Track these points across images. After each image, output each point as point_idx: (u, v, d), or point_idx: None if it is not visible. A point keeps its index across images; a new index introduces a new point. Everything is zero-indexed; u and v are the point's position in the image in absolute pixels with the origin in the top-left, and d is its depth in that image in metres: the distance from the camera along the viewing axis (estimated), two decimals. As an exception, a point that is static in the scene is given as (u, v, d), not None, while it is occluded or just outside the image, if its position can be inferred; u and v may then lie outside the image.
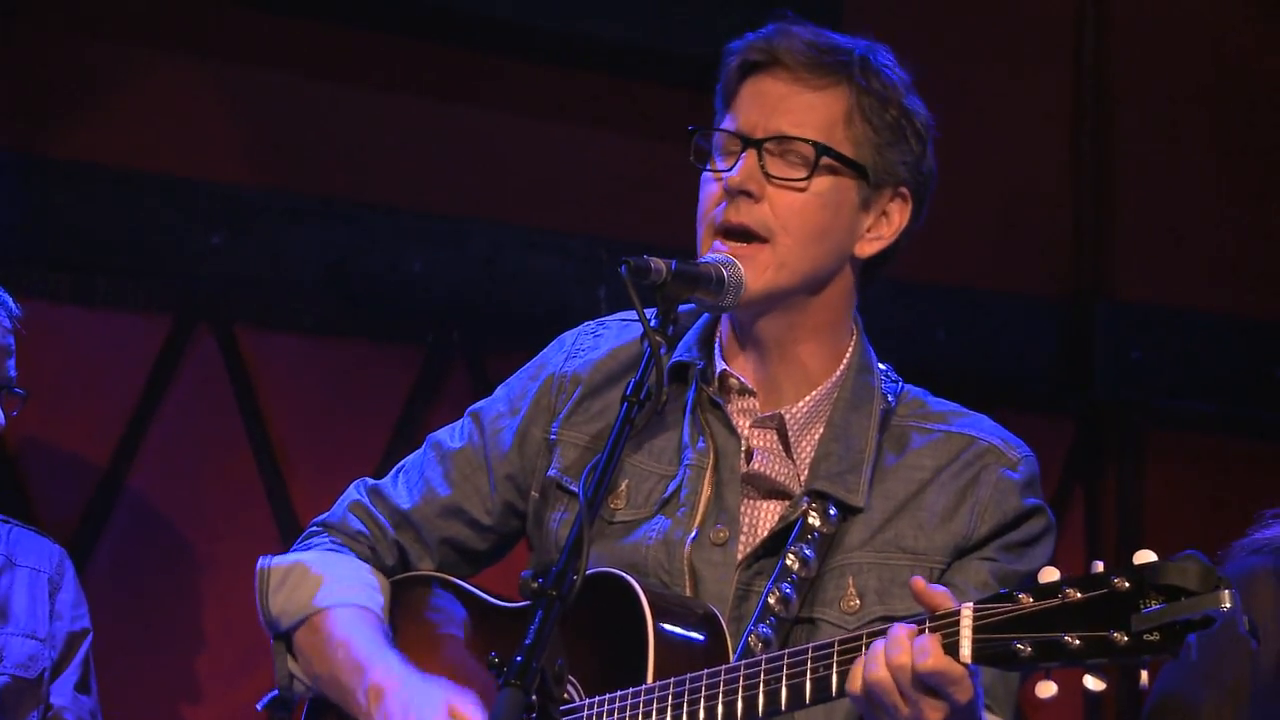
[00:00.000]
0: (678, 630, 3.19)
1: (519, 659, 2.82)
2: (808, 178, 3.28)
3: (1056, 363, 6.88)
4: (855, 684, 2.90)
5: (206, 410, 5.88)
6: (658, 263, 3.14)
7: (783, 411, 3.35)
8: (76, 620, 4.97)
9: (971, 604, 2.84)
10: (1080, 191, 7.02)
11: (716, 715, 3.04)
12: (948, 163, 7.15)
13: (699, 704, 3.06)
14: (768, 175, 3.28)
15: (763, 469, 3.34)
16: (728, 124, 3.34)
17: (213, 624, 5.73)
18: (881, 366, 3.44)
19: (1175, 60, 7.03)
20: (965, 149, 6.86)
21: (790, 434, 3.34)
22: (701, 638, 3.20)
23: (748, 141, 3.29)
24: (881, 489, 3.32)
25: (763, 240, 3.27)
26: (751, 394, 3.37)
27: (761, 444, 3.36)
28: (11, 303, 4.84)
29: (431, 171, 6.16)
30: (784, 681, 3.00)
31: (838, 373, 3.37)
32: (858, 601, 3.22)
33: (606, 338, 3.51)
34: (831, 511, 3.28)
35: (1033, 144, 7.03)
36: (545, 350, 3.55)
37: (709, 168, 3.32)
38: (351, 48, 6.10)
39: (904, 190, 3.34)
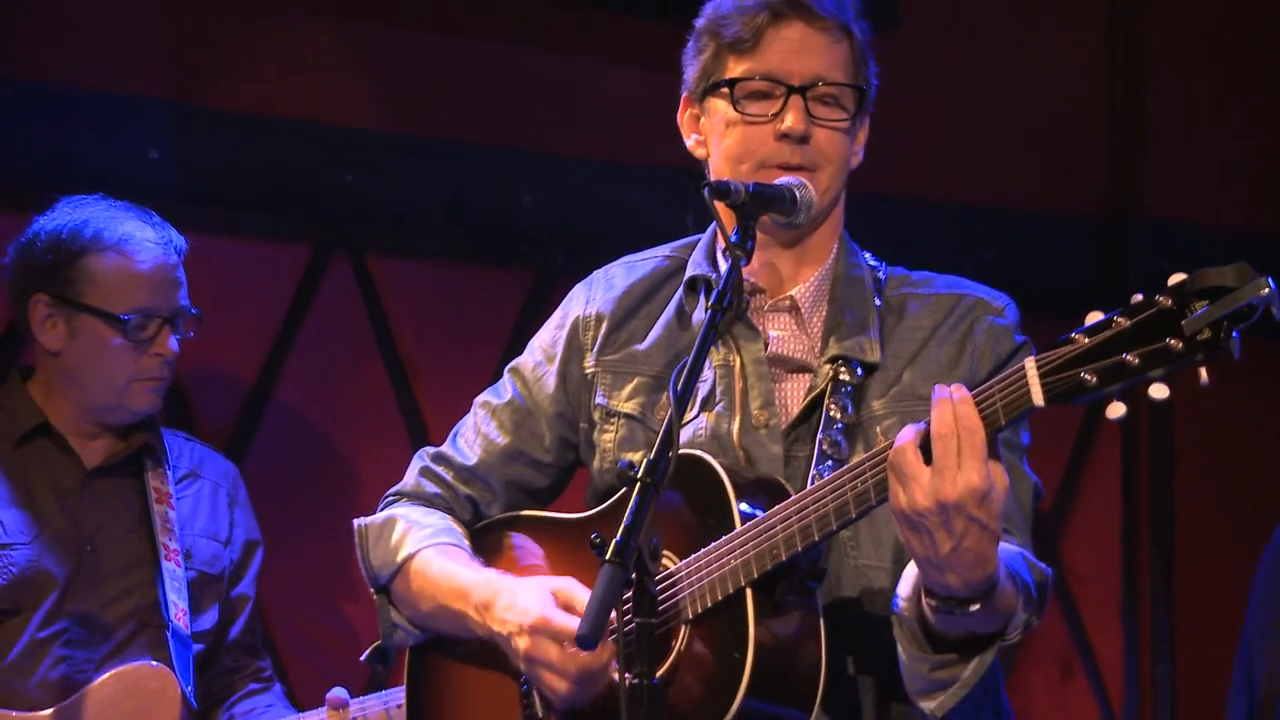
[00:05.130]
0: (750, 488, 3.32)
1: (619, 539, 2.94)
2: (848, 118, 3.50)
3: (1095, 276, 6.99)
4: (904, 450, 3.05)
5: (343, 329, 6.03)
6: (737, 184, 3.31)
7: (793, 293, 3.53)
8: (252, 531, 5.14)
9: (1031, 357, 2.95)
10: (1115, 113, 7.06)
11: (812, 531, 3.17)
12: (993, 93, 7.16)
13: (776, 535, 3.19)
14: (814, 118, 3.45)
15: (781, 349, 3.50)
16: (763, 71, 3.46)
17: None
18: (866, 252, 3.64)
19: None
20: (1007, 79, 6.86)
21: (803, 311, 3.52)
22: (772, 488, 3.34)
23: (792, 89, 3.45)
24: (891, 349, 3.48)
25: (811, 171, 3.46)
26: (762, 292, 3.55)
27: (777, 328, 3.54)
28: (179, 238, 4.97)
29: (537, 115, 6.26)
30: (849, 493, 3.14)
31: (831, 256, 3.57)
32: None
33: (618, 279, 3.71)
34: (858, 371, 3.45)
35: (1069, 71, 7.05)
36: (565, 301, 3.74)
37: (747, 113, 3.46)
38: (464, 7, 6.19)
39: (870, 108, 3.57)
